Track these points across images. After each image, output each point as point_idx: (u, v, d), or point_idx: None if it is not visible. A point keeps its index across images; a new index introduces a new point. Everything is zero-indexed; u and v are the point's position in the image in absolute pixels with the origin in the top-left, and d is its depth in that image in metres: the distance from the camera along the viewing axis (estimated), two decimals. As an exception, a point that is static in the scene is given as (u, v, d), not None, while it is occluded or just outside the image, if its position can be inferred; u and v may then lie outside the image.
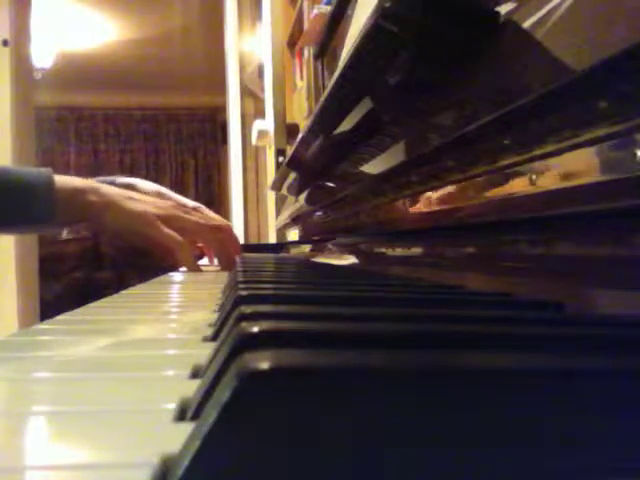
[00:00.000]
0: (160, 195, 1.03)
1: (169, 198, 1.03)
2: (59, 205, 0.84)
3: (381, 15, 0.41)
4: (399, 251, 0.69)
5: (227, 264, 0.97)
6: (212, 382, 0.18)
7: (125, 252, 4.21)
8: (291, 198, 1.39)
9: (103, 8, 3.95)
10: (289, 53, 2.36)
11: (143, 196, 0.95)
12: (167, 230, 0.90)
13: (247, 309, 0.25)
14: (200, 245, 1.07)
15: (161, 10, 4.02)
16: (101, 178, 1.00)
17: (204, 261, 1.10)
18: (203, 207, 1.05)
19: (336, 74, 0.56)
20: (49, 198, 0.83)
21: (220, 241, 0.98)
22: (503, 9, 0.34)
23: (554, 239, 0.36)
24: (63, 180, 0.86)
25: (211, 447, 0.13)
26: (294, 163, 1.01)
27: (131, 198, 0.91)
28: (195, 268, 0.93)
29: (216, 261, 1.02)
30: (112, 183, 0.98)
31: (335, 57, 1.35)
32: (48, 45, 4.04)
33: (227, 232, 1.01)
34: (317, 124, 0.73)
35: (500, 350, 0.20)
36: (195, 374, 0.23)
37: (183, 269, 0.94)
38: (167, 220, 0.91)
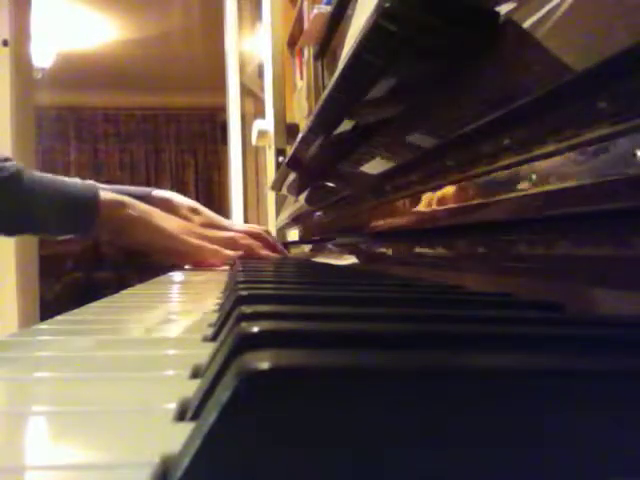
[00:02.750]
0: (193, 210, 1.09)
1: (201, 213, 1.09)
2: (100, 216, 0.89)
3: (381, 15, 0.41)
4: (399, 251, 0.69)
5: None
6: (212, 382, 0.18)
7: (125, 252, 4.21)
8: (291, 198, 1.39)
9: (103, 8, 3.94)
10: (289, 53, 2.36)
11: (171, 216, 1.00)
12: (195, 241, 0.95)
13: (247, 309, 0.25)
14: None
15: (161, 10, 4.02)
16: (140, 189, 1.04)
17: None
18: (232, 222, 1.09)
19: (336, 74, 0.56)
20: (92, 211, 0.88)
21: (246, 248, 1.02)
22: (503, 9, 0.34)
23: (554, 239, 0.36)
24: (105, 194, 0.91)
25: (211, 447, 0.13)
26: (294, 163, 1.01)
27: (162, 217, 0.96)
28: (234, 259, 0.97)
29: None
30: (148, 195, 1.03)
31: (335, 57, 1.35)
32: (48, 45, 4.04)
33: (260, 238, 1.06)
34: (317, 124, 0.73)
35: (500, 350, 0.20)
36: (195, 374, 0.23)
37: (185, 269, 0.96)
38: (193, 236, 0.96)
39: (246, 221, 3.44)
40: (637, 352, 0.20)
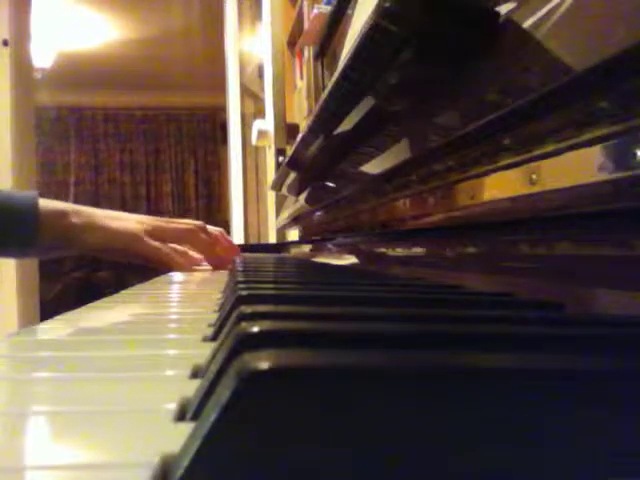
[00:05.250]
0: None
1: None
2: (42, 228, 0.84)
3: (381, 15, 0.41)
4: (399, 251, 0.69)
5: (215, 264, 1.00)
6: (212, 382, 0.18)
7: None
8: (291, 198, 1.39)
9: (103, 8, 3.94)
10: (289, 53, 2.36)
11: (123, 214, 0.96)
12: (153, 243, 0.91)
13: (247, 309, 0.25)
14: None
15: (161, 10, 4.02)
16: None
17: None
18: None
19: (336, 74, 0.56)
20: (33, 221, 0.83)
21: (204, 242, 0.99)
22: (503, 9, 0.34)
23: (554, 239, 0.36)
24: (47, 203, 0.86)
25: (211, 447, 0.13)
26: (294, 163, 1.01)
27: (112, 217, 0.92)
28: (188, 270, 0.95)
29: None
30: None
31: (335, 57, 1.35)
32: (48, 45, 4.04)
33: (216, 236, 1.03)
34: (317, 124, 0.73)
35: (500, 350, 0.20)
36: (195, 374, 0.23)
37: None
38: (150, 234, 0.92)
39: (246, 221, 3.44)
40: (637, 352, 0.20)
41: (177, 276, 0.88)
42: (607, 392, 0.15)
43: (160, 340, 0.32)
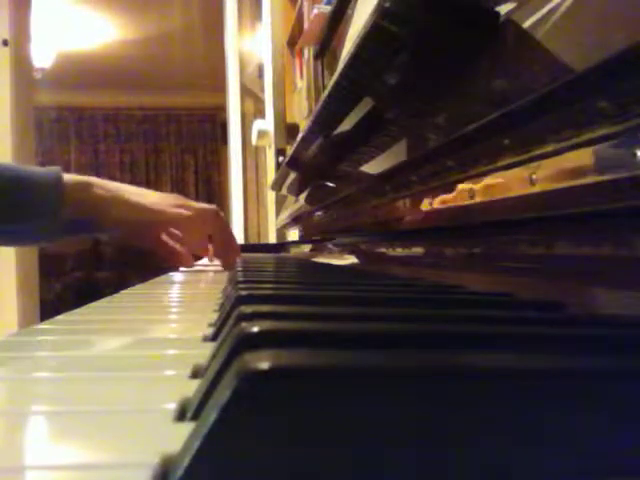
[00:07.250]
0: None
1: None
2: (67, 198, 0.82)
3: (381, 15, 0.41)
4: (399, 251, 0.69)
5: (226, 261, 0.96)
6: (212, 382, 0.18)
7: (124, 251, 4.21)
8: (291, 198, 1.39)
9: (103, 8, 3.94)
10: (289, 53, 2.36)
11: (147, 191, 0.94)
12: (174, 209, 0.89)
13: (247, 309, 0.25)
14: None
15: (161, 10, 4.02)
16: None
17: (204, 260, 1.10)
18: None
19: (336, 74, 0.56)
20: (57, 190, 0.81)
21: (223, 237, 0.96)
22: (503, 9, 0.34)
23: (554, 239, 0.36)
24: (72, 176, 0.85)
25: (211, 447, 0.13)
26: (294, 163, 1.01)
27: (138, 193, 0.90)
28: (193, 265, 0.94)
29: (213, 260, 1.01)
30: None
31: (335, 57, 1.35)
32: (48, 45, 4.04)
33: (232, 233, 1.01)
34: (317, 124, 0.73)
35: (500, 350, 0.20)
36: (195, 374, 0.23)
37: (183, 269, 0.95)
38: (173, 209, 0.90)
39: (246, 221, 3.44)
40: (637, 352, 0.20)
41: (177, 276, 0.88)
42: (607, 392, 0.15)
43: (160, 340, 0.32)
